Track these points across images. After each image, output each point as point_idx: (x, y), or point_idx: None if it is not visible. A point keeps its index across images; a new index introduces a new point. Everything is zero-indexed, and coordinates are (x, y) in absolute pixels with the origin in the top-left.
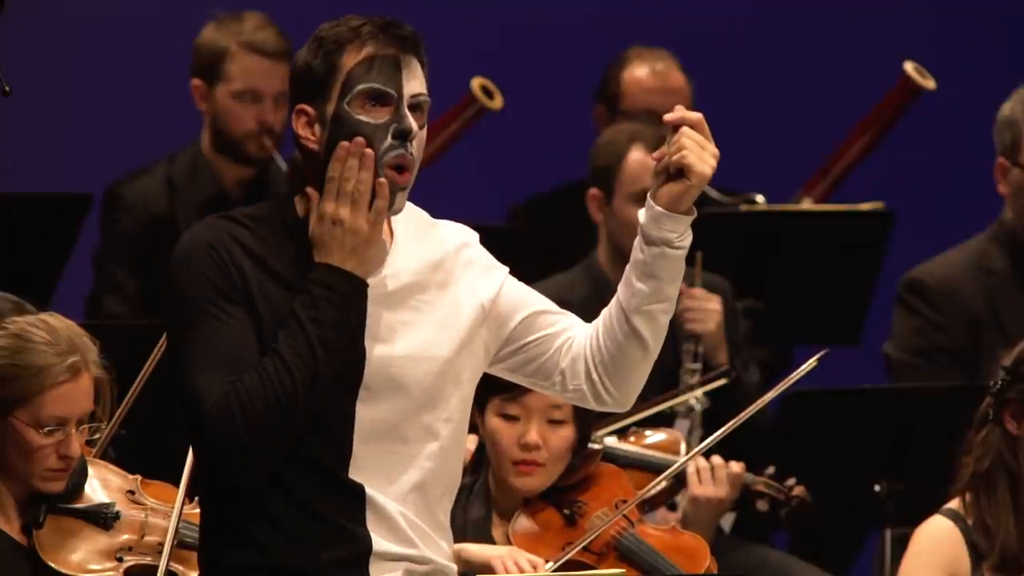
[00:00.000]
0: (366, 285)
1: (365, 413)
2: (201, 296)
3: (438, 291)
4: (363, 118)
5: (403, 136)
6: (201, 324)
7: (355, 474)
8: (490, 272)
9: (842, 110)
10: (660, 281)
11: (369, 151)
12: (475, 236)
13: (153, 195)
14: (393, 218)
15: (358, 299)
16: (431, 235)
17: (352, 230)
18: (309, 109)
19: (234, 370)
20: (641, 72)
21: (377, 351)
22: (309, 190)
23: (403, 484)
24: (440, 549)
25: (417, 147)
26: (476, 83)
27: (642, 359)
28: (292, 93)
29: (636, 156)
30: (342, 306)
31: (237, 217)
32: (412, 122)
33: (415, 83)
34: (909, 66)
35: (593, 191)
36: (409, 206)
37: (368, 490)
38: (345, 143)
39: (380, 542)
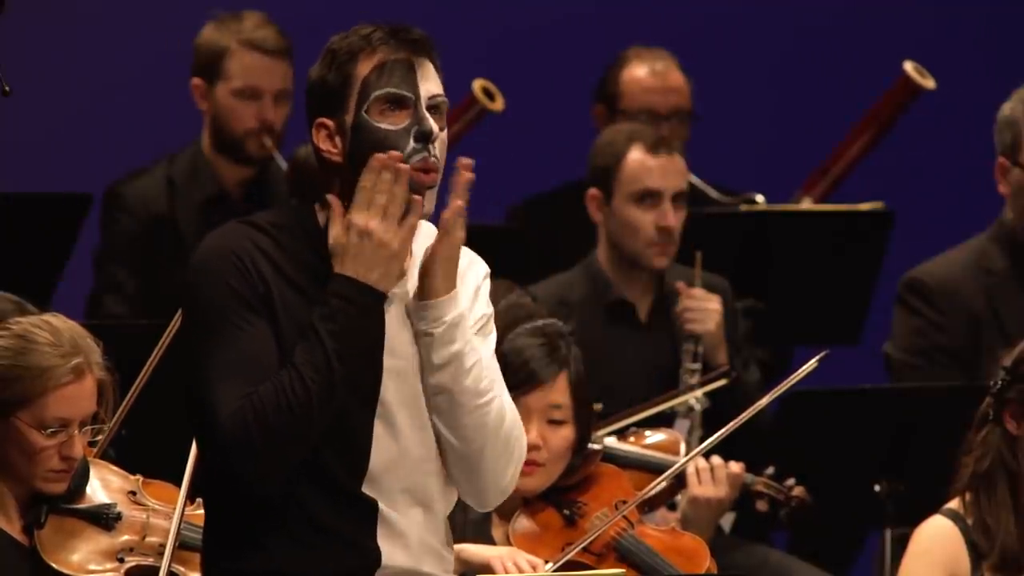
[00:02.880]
0: (385, 298)
1: (381, 429)
2: (224, 306)
3: None
4: (383, 125)
5: (425, 138)
6: (222, 333)
7: (369, 489)
8: (479, 323)
9: (841, 110)
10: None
11: (404, 166)
12: (487, 270)
13: (153, 195)
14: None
15: (377, 312)
16: None
17: (381, 243)
18: (328, 122)
19: (252, 381)
20: (640, 72)
21: (394, 366)
22: (331, 199)
23: (416, 500)
24: (445, 563)
25: (440, 149)
26: (477, 85)
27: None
28: (309, 109)
29: (635, 156)
30: (361, 319)
31: (259, 224)
32: (432, 123)
33: (431, 84)
34: (909, 66)
35: (592, 191)
36: (427, 225)
37: (382, 505)
38: (380, 155)
39: (390, 556)
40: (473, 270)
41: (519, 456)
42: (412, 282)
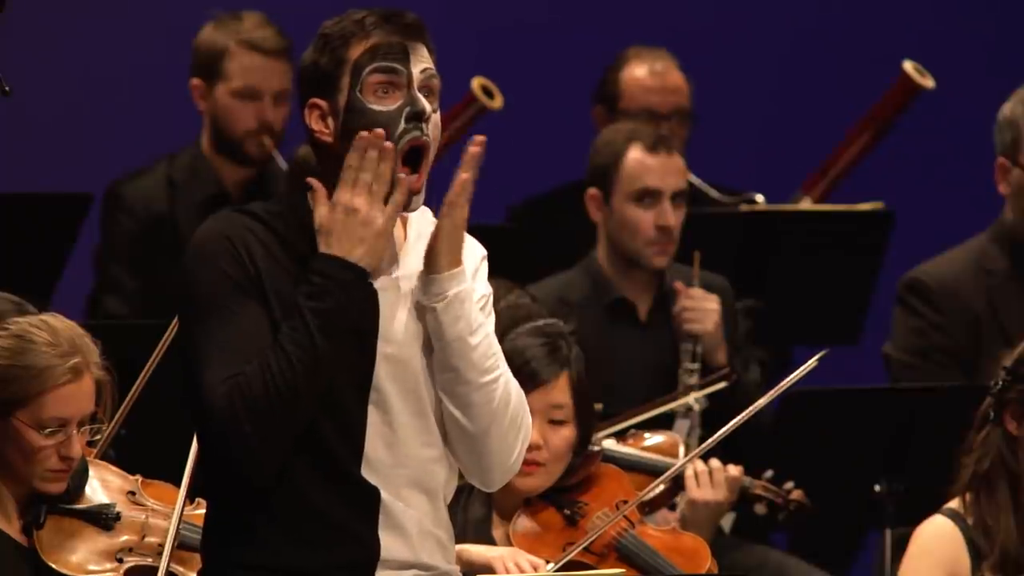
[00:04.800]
0: (369, 274)
1: (376, 416)
2: (215, 290)
3: None
4: (376, 106)
5: (417, 117)
6: (213, 317)
7: (369, 475)
8: (479, 304)
9: (841, 110)
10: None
11: (389, 144)
12: (484, 252)
13: (153, 195)
14: (408, 218)
15: (361, 289)
16: None
17: (365, 221)
18: (321, 102)
19: (242, 363)
20: (640, 72)
21: (389, 352)
22: (312, 181)
23: (418, 488)
24: (447, 552)
25: (432, 130)
26: (476, 83)
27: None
28: (302, 91)
29: (634, 156)
30: (343, 295)
31: (254, 211)
32: (425, 103)
33: (424, 66)
34: (908, 65)
35: (592, 191)
36: (423, 208)
37: (384, 494)
38: (365, 133)
39: (389, 548)
40: (470, 252)
41: (525, 435)
42: (407, 268)
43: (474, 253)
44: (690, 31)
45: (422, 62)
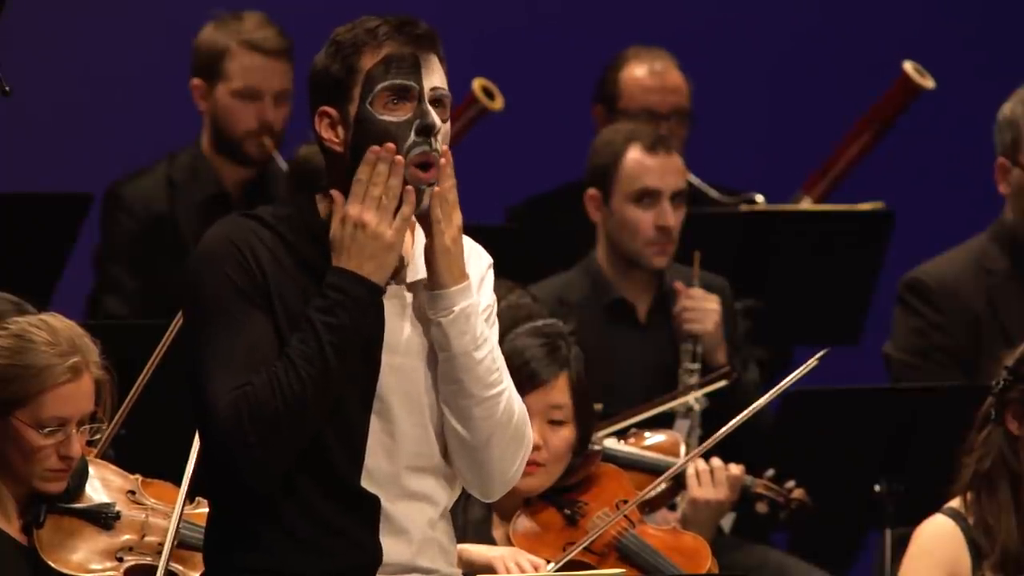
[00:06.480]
0: (382, 291)
1: (378, 425)
2: (221, 295)
3: None
4: (386, 117)
5: (427, 132)
6: (219, 325)
7: (369, 484)
8: (484, 314)
9: (841, 109)
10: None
11: (399, 158)
12: (490, 261)
13: (153, 195)
14: (416, 224)
15: (373, 305)
16: None
17: (375, 235)
18: (331, 111)
19: (248, 371)
20: (639, 71)
21: (393, 362)
22: (333, 192)
23: (418, 495)
24: (449, 556)
25: (441, 143)
26: (477, 84)
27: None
28: (312, 97)
29: (633, 156)
30: (356, 311)
31: (262, 217)
32: (435, 117)
33: (434, 77)
34: (908, 65)
35: (591, 191)
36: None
37: (384, 502)
38: (376, 147)
39: (390, 553)
40: (475, 261)
41: (526, 448)
42: (413, 275)
43: (480, 262)
44: (689, 31)
45: (433, 76)
